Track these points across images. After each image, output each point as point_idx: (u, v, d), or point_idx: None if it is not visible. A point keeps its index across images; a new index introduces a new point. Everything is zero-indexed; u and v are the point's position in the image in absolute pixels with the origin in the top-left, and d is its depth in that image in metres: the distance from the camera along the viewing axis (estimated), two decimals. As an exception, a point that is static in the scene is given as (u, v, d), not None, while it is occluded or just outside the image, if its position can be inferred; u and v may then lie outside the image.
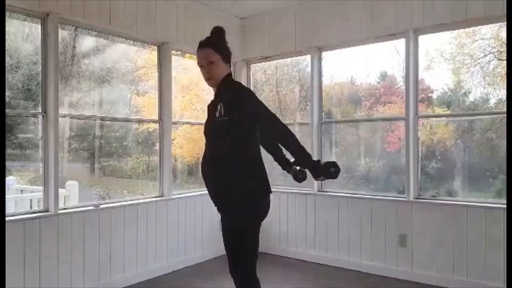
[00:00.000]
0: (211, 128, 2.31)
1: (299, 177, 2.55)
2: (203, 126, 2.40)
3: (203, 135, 2.38)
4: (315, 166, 2.18)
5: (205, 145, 2.36)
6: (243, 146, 2.22)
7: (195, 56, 2.42)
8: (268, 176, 2.32)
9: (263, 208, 2.29)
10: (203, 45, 2.32)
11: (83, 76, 4.41)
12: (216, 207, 2.35)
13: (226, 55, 2.32)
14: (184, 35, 4.66)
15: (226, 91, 2.28)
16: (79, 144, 4.61)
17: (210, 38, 2.35)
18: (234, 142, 2.20)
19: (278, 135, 2.20)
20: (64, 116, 3.94)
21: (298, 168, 2.53)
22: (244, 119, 2.18)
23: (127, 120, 4.60)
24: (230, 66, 2.39)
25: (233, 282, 2.31)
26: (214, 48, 2.29)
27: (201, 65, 2.32)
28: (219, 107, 2.21)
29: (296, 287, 4.06)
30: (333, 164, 2.18)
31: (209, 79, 2.32)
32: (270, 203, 2.33)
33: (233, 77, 2.42)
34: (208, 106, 2.37)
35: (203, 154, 2.38)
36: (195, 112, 5.43)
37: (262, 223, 2.32)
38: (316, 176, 2.20)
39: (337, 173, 2.18)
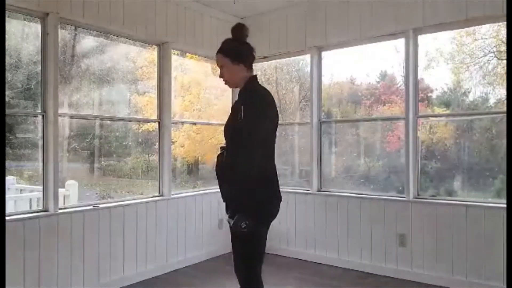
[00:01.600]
0: (230, 128, 2.30)
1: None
2: (203, 126, 2.40)
3: (203, 135, 2.38)
4: (234, 212, 2.16)
5: (225, 144, 2.36)
6: (255, 151, 2.19)
7: (196, 56, 2.44)
8: (278, 182, 2.33)
9: (271, 214, 2.30)
10: (217, 50, 2.37)
11: (83, 76, 4.41)
12: (225, 209, 2.35)
13: (237, 57, 2.31)
14: (184, 35, 4.65)
15: (246, 93, 2.31)
16: (79, 143, 4.61)
17: (223, 42, 2.38)
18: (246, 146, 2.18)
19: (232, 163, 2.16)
20: (64, 115, 3.94)
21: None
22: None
23: (127, 119, 4.59)
24: (249, 66, 2.36)
25: (234, 282, 2.32)
26: (222, 52, 2.34)
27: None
28: (241, 108, 2.19)
29: (295, 287, 4.07)
30: (245, 223, 2.10)
31: (224, 82, 2.40)
32: (277, 208, 2.34)
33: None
34: (232, 106, 2.37)
35: (220, 151, 2.37)
36: (196, 112, 5.43)
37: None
38: (230, 217, 2.20)
39: (246, 229, 2.10)
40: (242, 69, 2.33)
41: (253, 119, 2.15)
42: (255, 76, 2.39)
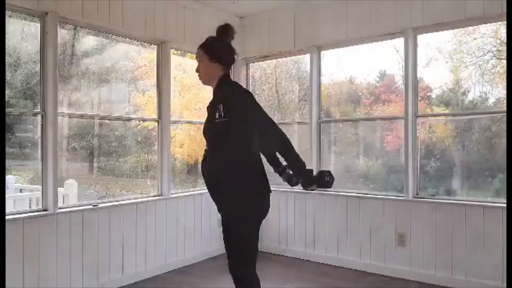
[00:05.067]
0: (211, 129, 2.30)
1: (293, 181, 2.31)
2: (203, 126, 2.40)
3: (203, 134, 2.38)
4: (308, 175, 2.21)
5: (206, 146, 2.36)
6: (243, 148, 2.21)
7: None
8: (267, 176, 2.33)
9: (263, 209, 2.30)
10: (200, 45, 2.40)
11: (82, 75, 4.41)
12: (217, 208, 2.36)
13: (216, 56, 2.33)
14: (184, 34, 4.65)
15: (223, 91, 2.30)
16: (78, 143, 4.61)
17: (206, 38, 2.40)
18: (234, 144, 2.20)
19: (273, 142, 2.24)
20: (63, 115, 3.93)
21: (291, 172, 2.33)
22: (241, 120, 2.18)
23: (126, 119, 4.59)
24: (226, 67, 2.37)
25: (232, 281, 2.32)
26: (203, 48, 2.37)
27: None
28: (219, 107, 2.20)
29: (295, 286, 4.07)
30: (328, 173, 2.18)
31: (199, 77, 2.42)
32: (269, 202, 2.34)
33: (231, 77, 2.43)
34: (207, 107, 2.37)
35: (203, 154, 2.38)
36: (195, 112, 5.42)
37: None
38: (307, 185, 2.22)
39: (331, 183, 2.18)
40: (218, 69, 2.34)
41: (244, 114, 2.18)
42: (228, 74, 2.39)
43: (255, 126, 2.22)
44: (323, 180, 2.17)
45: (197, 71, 2.41)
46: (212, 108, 2.29)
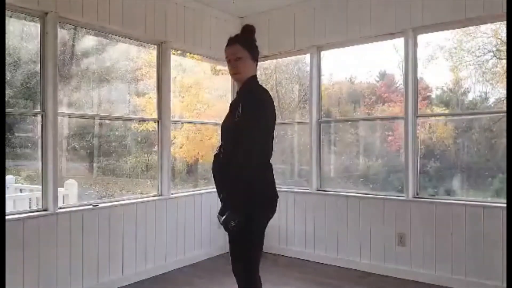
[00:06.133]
0: (228, 126, 2.30)
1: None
2: (203, 126, 2.40)
3: (203, 135, 2.39)
4: (224, 211, 2.15)
5: (220, 144, 2.36)
6: (247, 152, 2.17)
7: (196, 56, 2.45)
8: (275, 181, 2.33)
9: (269, 214, 2.31)
10: (233, 41, 2.36)
11: (82, 75, 4.41)
12: (222, 208, 2.35)
13: (254, 54, 2.35)
14: (184, 34, 4.65)
15: (247, 92, 2.30)
16: (78, 143, 4.61)
17: (241, 35, 2.39)
18: (240, 146, 2.17)
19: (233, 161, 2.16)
20: (63, 115, 3.93)
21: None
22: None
23: (126, 119, 4.59)
24: (256, 66, 2.40)
25: (233, 281, 2.32)
26: (242, 44, 2.34)
27: (228, 60, 2.36)
28: (239, 108, 2.20)
29: (295, 286, 4.07)
30: (236, 222, 2.10)
31: (235, 74, 2.36)
32: (274, 209, 2.36)
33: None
34: (231, 103, 2.37)
35: (217, 150, 2.37)
36: (195, 112, 5.42)
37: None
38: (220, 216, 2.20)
39: (234, 231, 2.12)
40: (254, 68, 2.37)
41: (253, 119, 2.16)
42: (255, 75, 2.41)
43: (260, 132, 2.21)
44: (228, 223, 2.10)
45: (234, 67, 2.33)
46: (235, 105, 2.29)
